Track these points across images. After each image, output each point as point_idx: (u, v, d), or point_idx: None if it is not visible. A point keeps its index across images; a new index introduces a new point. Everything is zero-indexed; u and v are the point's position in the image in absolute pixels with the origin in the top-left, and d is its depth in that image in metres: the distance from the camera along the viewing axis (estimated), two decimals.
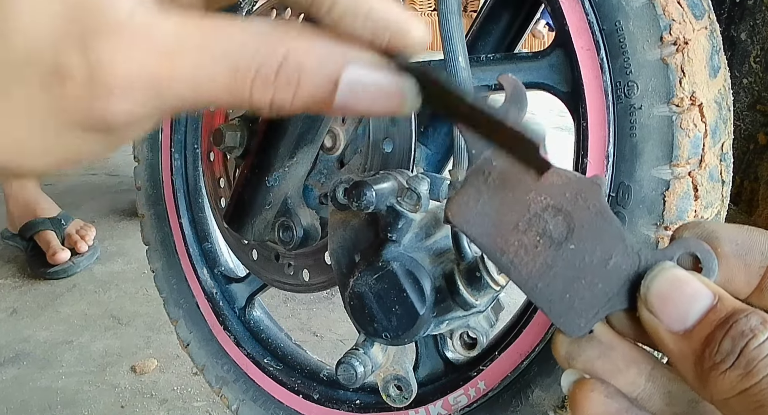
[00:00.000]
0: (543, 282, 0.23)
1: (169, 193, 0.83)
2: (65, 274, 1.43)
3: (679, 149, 0.46)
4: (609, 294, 0.23)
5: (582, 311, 0.23)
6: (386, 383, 0.60)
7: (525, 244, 0.23)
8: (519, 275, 0.23)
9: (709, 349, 0.20)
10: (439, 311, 0.45)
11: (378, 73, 0.21)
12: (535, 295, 0.23)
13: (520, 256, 0.23)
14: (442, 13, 0.48)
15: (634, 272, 0.23)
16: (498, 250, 0.23)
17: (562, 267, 0.23)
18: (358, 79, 0.21)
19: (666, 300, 0.21)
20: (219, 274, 0.83)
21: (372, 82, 0.21)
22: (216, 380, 0.80)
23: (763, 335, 0.19)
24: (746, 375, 0.19)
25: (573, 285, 0.23)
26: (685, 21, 0.45)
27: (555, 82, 0.53)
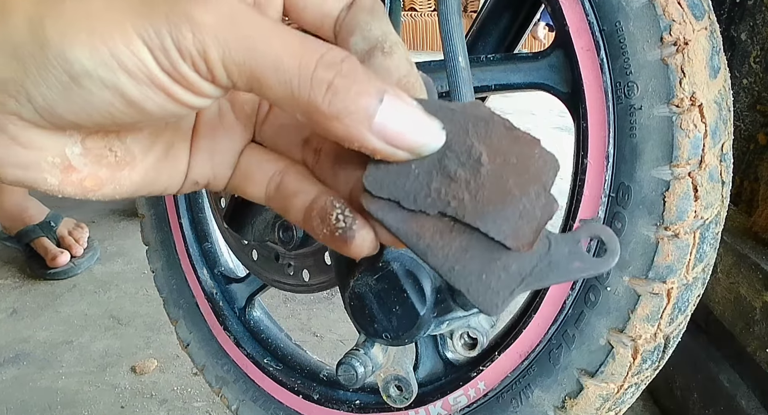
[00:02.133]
0: (460, 265, 0.23)
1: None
2: (65, 275, 1.43)
3: (679, 150, 0.46)
4: (523, 274, 0.23)
5: (498, 291, 0.23)
6: (386, 383, 0.60)
7: (440, 228, 0.24)
8: (436, 260, 0.24)
9: None
10: (440, 311, 0.45)
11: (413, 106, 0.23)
12: (452, 277, 0.24)
13: (436, 240, 0.24)
14: (442, 14, 0.49)
15: (545, 253, 0.24)
16: (414, 235, 0.24)
17: (478, 250, 0.23)
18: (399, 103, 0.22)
19: None
20: (219, 274, 0.83)
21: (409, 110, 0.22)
22: (216, 381, 0.80)
23: None
24: None
25: (489, 266, 0.23)
26: (685, 21, 0.45)
27: (555, 83, 0.53)
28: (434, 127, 0.23)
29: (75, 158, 0.24)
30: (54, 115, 0.22)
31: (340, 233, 0.24)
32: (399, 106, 0.22)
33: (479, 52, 0.65)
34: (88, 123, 0.23)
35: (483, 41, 0.65)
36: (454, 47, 0.48)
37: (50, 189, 0.24)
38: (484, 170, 0.23)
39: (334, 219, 0.25)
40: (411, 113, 0.22)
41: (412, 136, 0.22)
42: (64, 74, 0.21)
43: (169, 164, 0.27)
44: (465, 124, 0.24)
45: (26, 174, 0.23)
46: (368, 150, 0.23)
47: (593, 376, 0.53)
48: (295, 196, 0.26)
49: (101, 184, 0.25)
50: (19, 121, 0.22)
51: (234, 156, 0.28)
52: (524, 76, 0.54)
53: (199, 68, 0.21)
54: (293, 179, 0.27)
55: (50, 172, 0.24)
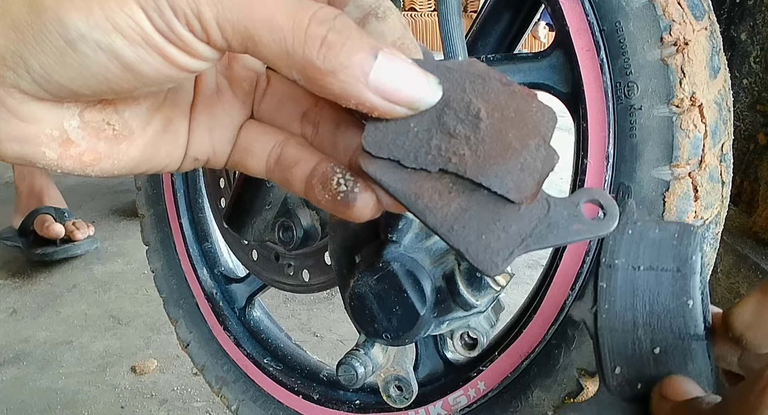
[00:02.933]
0: (459, 225, 0.23)
1: (169, 194, 0.83)
2: (65, 254, 1.42)
3: (679, 150, 0.46)
4: (522, 235, 0.24)
5: (498, 251, 0.23)
6: (387, 383, 0.60)
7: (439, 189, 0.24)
8: (435, 220, 0.24)
9: None
10: (440, 311, 0.45)
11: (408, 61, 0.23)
12: (452, 237, 0.24)
13: (435, 200, 0.24)
14: (442, 14, 0.49)
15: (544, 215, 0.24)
16: (413, 195, 0.24)
17: (477, 210, 0.23)
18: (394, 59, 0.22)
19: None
20: (219, 274, 0.83)
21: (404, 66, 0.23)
22: (216, 381, 0.80)
23: None
24: None
25: (488, 227, 0.23)
26: (685, 22, 0.45)
27: (555, 83, 0.53)
28: (430, 80, 0.23)
29: (73, 131, 0.24)
30: (51, 82, 0.22)
31: (342, 197, 0.25)
32: (394, 62, 0.22)
33: (479, 52, 0.65)
34: (85, 90, 0.23)
35: (483, 41, 0.65)
36: (454, 47, 0.48)
37: (49, 163, 0.24)
38: (483, 125, 0.23)
39: (335, 184, 0.25)
40: (406, 68, 0.23)
41: (408, 91, 0.23)
42: (60, 39, 0.21)
43: (168, 139, 0.27)
44: (462, 81, 0.24)
45: (25, 148, 0.23)
46: (365, 107, 0.23)
47: (593, 376, 0.53)
48: (296, 165, 0.27)
49: (100, 158, 0.25)
50: (18, 94, 0.22)
51: (233, 131, 0.28)
52: (524, 76, 0.54)
53: (193, 28, 0.22)
54: (293, 150, 0.27)
55: (49, 146, 0.24)
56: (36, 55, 0.21)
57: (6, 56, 0.21)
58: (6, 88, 0.22)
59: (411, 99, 0.23)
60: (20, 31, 0.21)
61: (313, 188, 0.26)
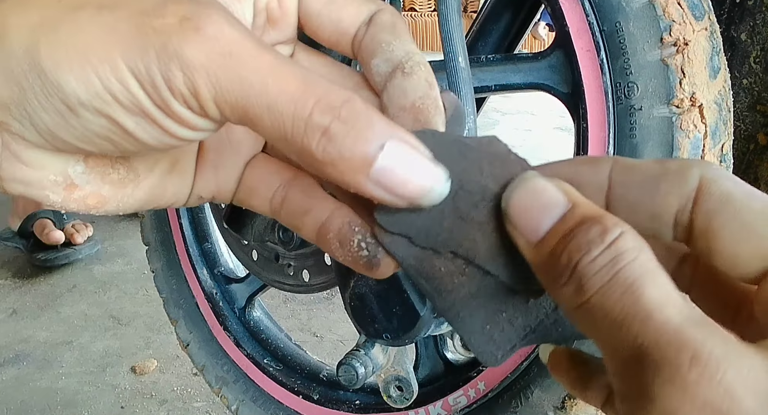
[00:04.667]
0: (465, 312, 0.23)
1: None
2: (66, 259, 1.43)
3: (679, 150, 0.46)
4: (527, 330, 0.23)
5: (500, 344, 0.23)
6: (387, 383, 0.60)
7: (451, 270, 0.23)
8: (443, 304, 0.23)
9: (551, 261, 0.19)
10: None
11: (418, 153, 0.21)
12: (456, 324, 0.23)
13: (445, 283, 0.23)
14: (442, 14, 0.48)
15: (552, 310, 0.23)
16: (424, 276, 0.23)
17: (485, 298, 0.23)
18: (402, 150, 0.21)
19: (523, 211, 0.21)
20: (219, 274, 0.83)
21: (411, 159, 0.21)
22: (216, 381, 0.80)
23: (597, 249, 0.18)
24: (578, 291, 0.18)
25: (494, 317, 0.23)
26: (685, 22, 0.45)
27: (555, 83, 0.53)
28: (439, 176, 0.21)
29: (77, 176, 0.24)
30: (56, 138, 0.22)
31: (365, 262, 0.24)
32: (401, 155, 0.20)
33: (479, 52, 0.65)
34: (91, 148, 0.22)
35: (483, 41, 0.65)
36: (454, 47, 0.48)
37: (53, 205, 0.24)
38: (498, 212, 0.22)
39: (356, 246, 0.24)
40: (413, 162, 0.21)
41: (413, 187, 0.21)
42: (61, 103, 0.21)
43: (175, 180, 0.27)
44: (480, 162, 0.22)
45: (29, 190, 0.23)
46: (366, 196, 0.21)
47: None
48: (306, 214, 0.25)
49: (104, 201, 0.25)
50: (22, 141, 0.22)
51: (238, 170, 0.27)
52: (524, 77, 0.54)
53: (190, 105, 0.21)
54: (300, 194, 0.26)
55: (52, 190, 0.24)
56: (39, 113, 0.21)
57: (11, 107, 0.21)
58: (11, 135, 0.22)
59: (414, 195, 0.21)
60: (22, 87, 0.21)
61: (328, 243, 0.25)
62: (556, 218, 0.20)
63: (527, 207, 0.21)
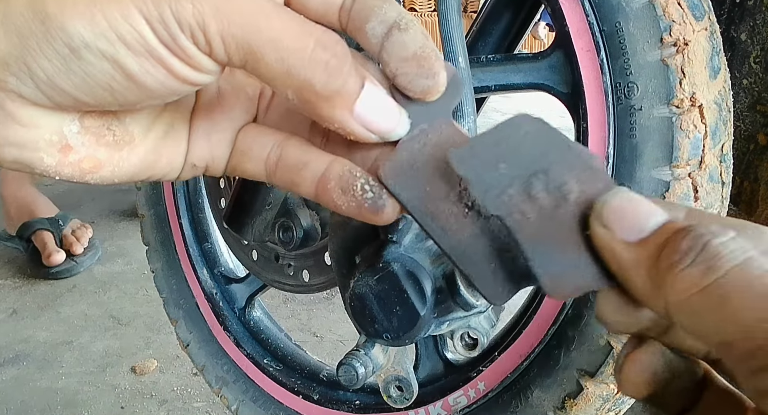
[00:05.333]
0: (470, 250, 0.23)
1: (169, 194, 0.83)
2: (68, 273, 1.43)
3: (679, 150, 0.46)
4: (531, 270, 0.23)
5: (505, 281, 0.23)
6: (387, 383, 0.60)
7: (455, 212, 0.24)
8: (448, 242, 0.24)
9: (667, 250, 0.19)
10: (440, 311, 0.45)
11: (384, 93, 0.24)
12: (461, 261, 0.24)
13: (450, 223, 0.24)
14: (442, 14, 0.48)
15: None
16: (429, 215, 0.24)
17: (490, 238, 0.23)
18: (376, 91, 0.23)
19: (622, 213, 0.21)
20: (219, 274, 0.83)
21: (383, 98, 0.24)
22: (216, 381, 0.80)
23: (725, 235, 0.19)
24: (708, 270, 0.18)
25: (498, 256, 0.23)
26: (685, 22, 0.45)
27: (555, 83, 0.53)
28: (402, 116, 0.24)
29: (72, 137, 0.24)
30: (55, 89, 0.22)
31: (369, 204, 0.24)
32: (376, 93, 0.23)
33: (479, 52, 0.65)
34: (89, 99, 0.22)
35: (483, 41, 0.65)
36: (454, 47, 0.48)
37: (47, 169, 0.24)
38: (564, 209, 0.22)
39: (360, 189, 0.24)
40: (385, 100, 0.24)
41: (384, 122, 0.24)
42: (64, 47, 0.21)
43: (169, 146, 0.27)
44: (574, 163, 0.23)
45: (23, 153, 0.23)
46: (344, 131, 0.23)
47: (593, 376, 0.53)
48: (304, 167, 0.26)
49: (99, 165, 0.25)
50: (18, 98, 0.22)
51: (232, 134, 0.28)
52: (524, 77, 0.54)
53: (197, 40, 0.22)
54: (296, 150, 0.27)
55: (47, 152, 0.23)
56: (40, 61, 0.21)
57: (9, 61, 0.21)
58: (6, 92, 0.22)
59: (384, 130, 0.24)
60: (24, 37, 0.21)
61: (329, 192, 0.25)
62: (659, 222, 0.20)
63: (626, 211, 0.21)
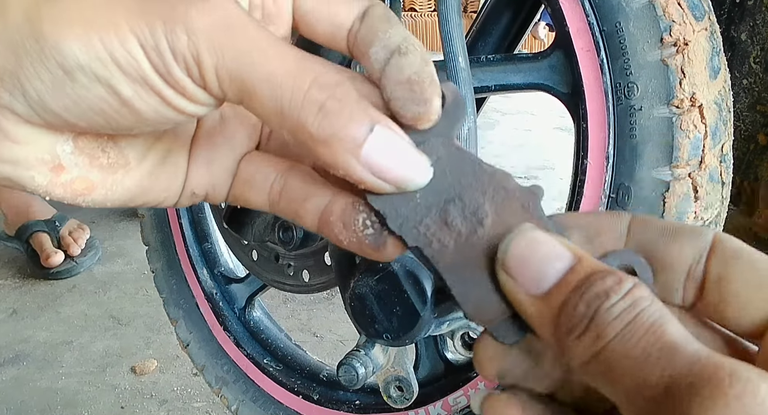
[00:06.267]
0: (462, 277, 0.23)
1: None
2: (68, 274, 1.43)
3: (679, 150, 0.46)
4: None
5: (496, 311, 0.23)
6: (387, 384, 0.60)
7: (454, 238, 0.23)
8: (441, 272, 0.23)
9: (564, 315, 0.19)
10: (440, 311, 0.45)
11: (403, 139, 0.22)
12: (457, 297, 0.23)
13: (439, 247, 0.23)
14: (442, 14, 0.48)
15: None
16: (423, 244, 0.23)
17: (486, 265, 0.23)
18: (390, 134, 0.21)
19: (523, 261, 0.21)
20: (219, 274, 0.83)
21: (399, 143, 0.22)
22: (216, 381, 0.80)
23: (617, 296, 0.19)
24: (597, 338, 0.18)
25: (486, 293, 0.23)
26: (685, 22, 0.45)
27: (555, 83, 0.53)
28: (423, 163, 0.22)
29: (65, 157, 0.23)
30: (47, 110, 0.21)
31: (370, 241, 0.24)
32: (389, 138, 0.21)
33: (479, 52, 0.65)
34: (81, 122, 0.22)
35: (483, 41, 0.65)
36: (454, 47, 0.48)
37: (37, 189, 0.23)
38: (481, 233, 0.23)
39: (361, 225, 0.24)
40: (400, 146, 0.22)
41: (399, 170, 0.22)
42: (58, 68, 0.21)
43: (166, 172, 0.26)
44: (487, 186, 0.23)
45: (14, 171, 0.23)
46: (353, 179, 0.22)
47: None
48: (307, 200, 0.25)
49: (92, 187, 0.24)
50: (11, 115, 0.22)
51: (233, 163, 0.27)
52: (524, 77, 0.54)
53: (191, 73, 0.21)
54: (299, 182, 0.26)
55: (39, 170, 0.23)
56: (32, 80, 0.21)
57: (4, 77, 0.21)
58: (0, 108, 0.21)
59: (400, 179, 0.22)
60: (18, 55, 0.21)
61: (331, 227, 0.24)
62: (562, 270, 0.20)
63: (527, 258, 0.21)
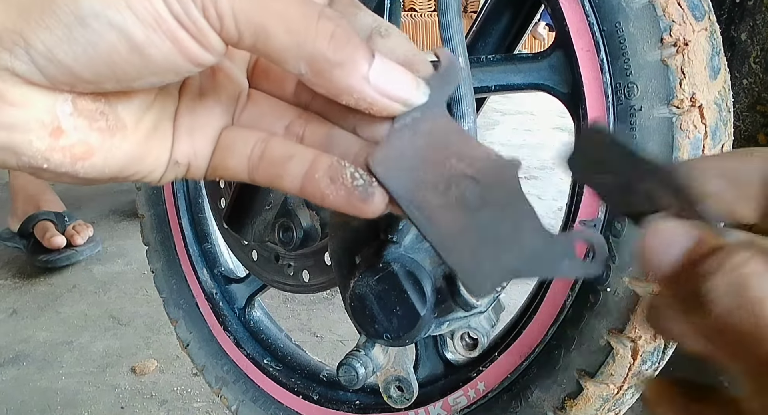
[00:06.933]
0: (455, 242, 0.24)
1: (169, 194, 0.83)
2: (67, 261, 1.43)
3: (679, 151, 0.46)
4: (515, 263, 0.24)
5: (489, 274, 0.24)
6: (387, 384, 0.60)
7: (442, 204, 0.24)
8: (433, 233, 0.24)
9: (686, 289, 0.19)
10: (440, 311, 0.45)
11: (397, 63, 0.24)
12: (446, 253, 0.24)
13: (436, 214, 0.24)
14: (442, 14, 0.48)
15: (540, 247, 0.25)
16: (416, 206, 0.24)
17: (475, 231, 0.24)
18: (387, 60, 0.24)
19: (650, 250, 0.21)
20: (219, 274, 0.83)
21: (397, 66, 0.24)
22: (216, 381, 0.80)
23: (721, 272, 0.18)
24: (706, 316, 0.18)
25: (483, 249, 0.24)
26: (685, 22, 0.45)
27: (555, 83, 0.53)
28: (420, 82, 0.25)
29: (65, 118, 0.23)
30: (53, 61, 0.21)
31: (360, 191, 0.24)
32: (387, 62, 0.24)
33: (479, 52, 0.65)
34: (87, 72, 0.22)
35: (483, 41, 0.65)
36: (454, 47, 0.48)
37: (35, 154, 0.23)
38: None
39: (349, 177, 0.24)
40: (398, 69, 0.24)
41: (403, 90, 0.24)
42: (70, 15, 0.21)
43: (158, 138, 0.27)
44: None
45: (11, 136, 0.22)
46: (365, 101, 0.24)
47: (593, 377, 0.53)
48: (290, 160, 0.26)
49: (91, 151, 0.24)
50: (10, 76, 0.21)
51: (213, 133, 0.28)
52: (524, 77, 0.54)
53: (209, 15, 0.22)
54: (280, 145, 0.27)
55: (38, 134, 0.23)
56: (40, 32, 0.21)
57: (3, 36, 0.21)
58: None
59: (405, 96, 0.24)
60: (24, 8, 0.21)
61: (316, 183, 0.25)
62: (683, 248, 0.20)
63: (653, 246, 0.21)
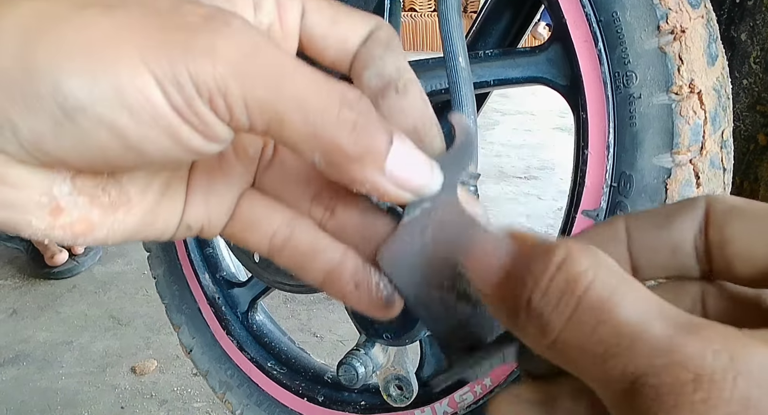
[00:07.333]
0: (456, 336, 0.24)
1: None
2: (69, 273, 1.44)
3: (679, 137, 0.46)
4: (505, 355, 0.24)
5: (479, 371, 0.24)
6: (387, 382, 0.60)
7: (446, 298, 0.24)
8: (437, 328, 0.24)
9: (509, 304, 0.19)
10: None
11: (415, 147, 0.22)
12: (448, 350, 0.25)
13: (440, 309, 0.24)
14: (442, 14, 0.49)
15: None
16: (421, 303, 0.24)
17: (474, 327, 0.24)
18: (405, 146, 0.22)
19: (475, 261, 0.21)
20: (221, 279, 0.82)
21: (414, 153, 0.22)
22: (220, 385, 0.79)
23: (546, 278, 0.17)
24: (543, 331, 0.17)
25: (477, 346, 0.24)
26: (681, 10, 0.46)
27: (554, 76, 0.53)
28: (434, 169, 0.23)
29: (64, 198, 0.22)
30: (41, 151, 0.19)
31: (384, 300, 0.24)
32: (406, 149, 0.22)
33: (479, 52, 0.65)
34: (79, 163, 0.20)
35: (483, 41, 0.65)
36: (454, 47, 0.48)
37: (35, 233, 0.22)
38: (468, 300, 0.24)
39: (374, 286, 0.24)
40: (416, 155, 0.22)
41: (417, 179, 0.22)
42: (55, 107, 0.18)
43: (166, 206, 0.25)
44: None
45: (10, 215, 0.21)
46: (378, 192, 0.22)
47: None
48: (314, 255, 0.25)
49: (93, 227, 0.23)
50: (3, 156, 0.19)
51: (231, 200, 0.26)
52: (523, 71, 0.54)
53: (216, 106, 0.19)
54: (308, 235, 0.25)
55: (36, 215, 0.21)
56: (25, 119, 0.18)
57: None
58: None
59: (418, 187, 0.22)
60: (8, 89, 0.18)
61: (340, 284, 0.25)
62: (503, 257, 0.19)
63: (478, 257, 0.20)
